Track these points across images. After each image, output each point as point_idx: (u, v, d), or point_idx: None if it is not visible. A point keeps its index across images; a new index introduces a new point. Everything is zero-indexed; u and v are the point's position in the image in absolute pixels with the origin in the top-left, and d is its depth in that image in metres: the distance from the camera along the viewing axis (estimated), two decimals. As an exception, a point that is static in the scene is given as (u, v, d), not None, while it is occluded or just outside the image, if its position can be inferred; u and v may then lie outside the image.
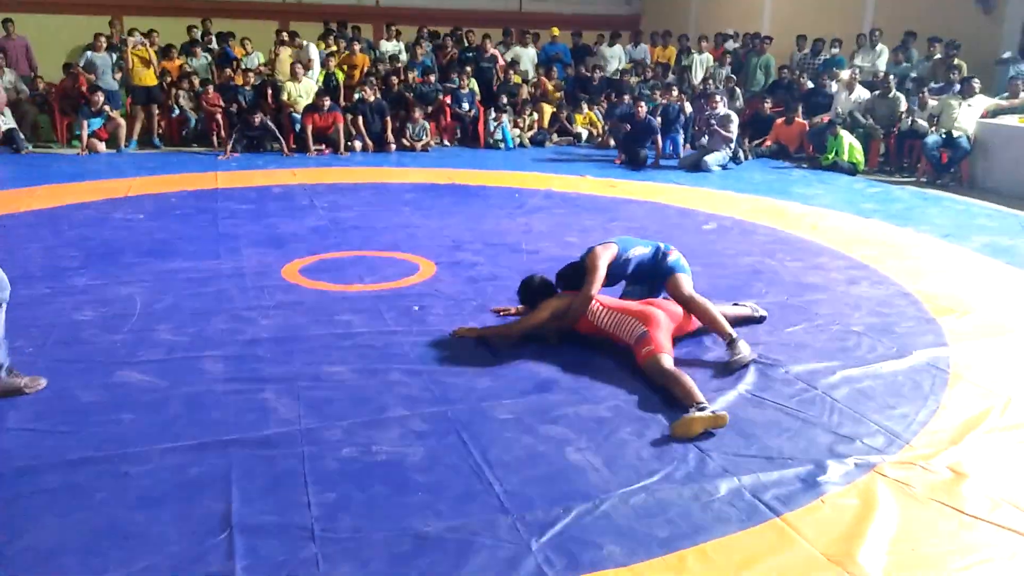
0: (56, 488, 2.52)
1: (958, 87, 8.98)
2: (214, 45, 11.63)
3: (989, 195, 7.96)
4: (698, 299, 3.71)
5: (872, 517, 2.44)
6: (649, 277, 3.96)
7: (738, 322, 3.92)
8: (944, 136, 8.63)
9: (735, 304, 4.13)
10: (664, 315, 3.59)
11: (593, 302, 3.67)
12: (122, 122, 9.72)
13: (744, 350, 3.53)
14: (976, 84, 8.65)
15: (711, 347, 3.79)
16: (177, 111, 10.32)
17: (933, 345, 3.83)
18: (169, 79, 10.43)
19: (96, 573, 2.14)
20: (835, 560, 2.24)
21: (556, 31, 13.20)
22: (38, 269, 4.83)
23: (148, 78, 10.16)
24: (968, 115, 8.55)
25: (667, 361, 3.33)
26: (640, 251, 3.93)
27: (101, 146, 9.51)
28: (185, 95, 10.33)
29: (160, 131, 10.29)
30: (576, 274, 3.80)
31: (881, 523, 2.41)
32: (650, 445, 2.87)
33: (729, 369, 3.49)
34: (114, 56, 10.30)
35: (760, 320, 4.08)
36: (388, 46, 11.97)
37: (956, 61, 9.82)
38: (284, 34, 11.23)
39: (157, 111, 10.25)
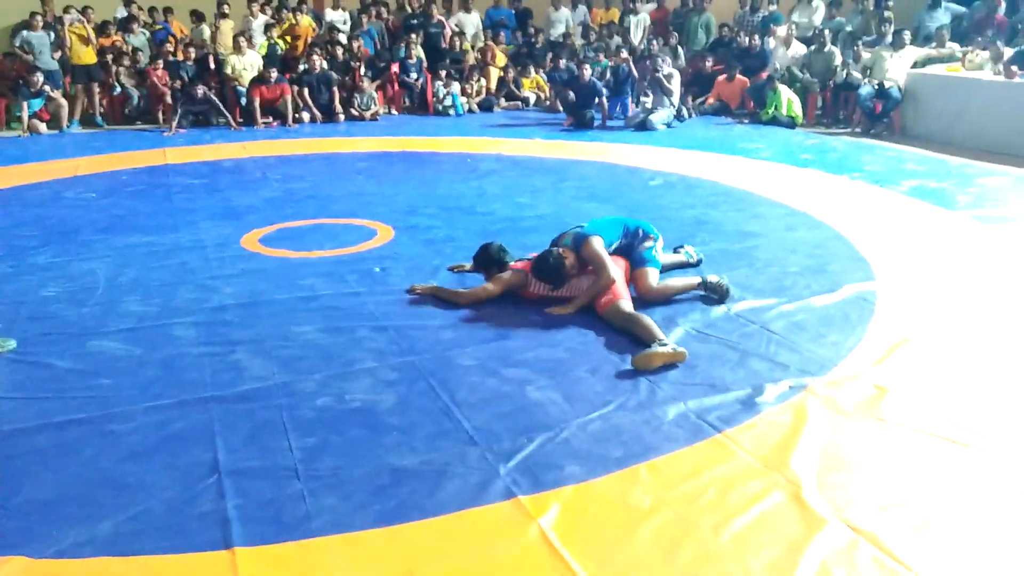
0: (47, 447, 2.65)
1: (890, 39, 9.33)
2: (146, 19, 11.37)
3: (920, 142, 8.36)
4: (656, 291, 3.83)
5: (803, 429, 2.71)
6: (624, 255, 3.99)
7: (676, 267, 4.19)
8: (877, 87, 8.99)
9: (674, 251, 4.36)
10: (617, 268, 3.80)
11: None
12: (63, 102, 9.56)
13: (716, 279, 3.88)
14: (907, 36, 9.01)
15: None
16: (119, 89, 10.15)
17: (861, 280, 4.14)
18: (110, 56, 10.23)
19: (96, 519, 2.29)
20: (771, 466, 2.50)
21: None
22: (-4, 249, 4.85)
23: (87, 56, 9.96)
24: (898, 66, 8.91)
25: (627, 305, 3.57)
26: (612, 236, 3.94)
27: (43, 127, 9.35)
28: (126, 72, 10.17)
29: (102, 110, 10.13)
30: (549, 268, 3.77)
31: (811, 433, 2.68)
32: (604, 380, 3.11)
33: (716, 292, 3.85)
34: (51, 34, 10.05)
35: (696, 264, 4.34)
36: (333, 15, 11.89)
37: (887, 14, 10.17)
38: (225, 6, 11.05)
39: (98, 89, 10.07)
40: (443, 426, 2.78)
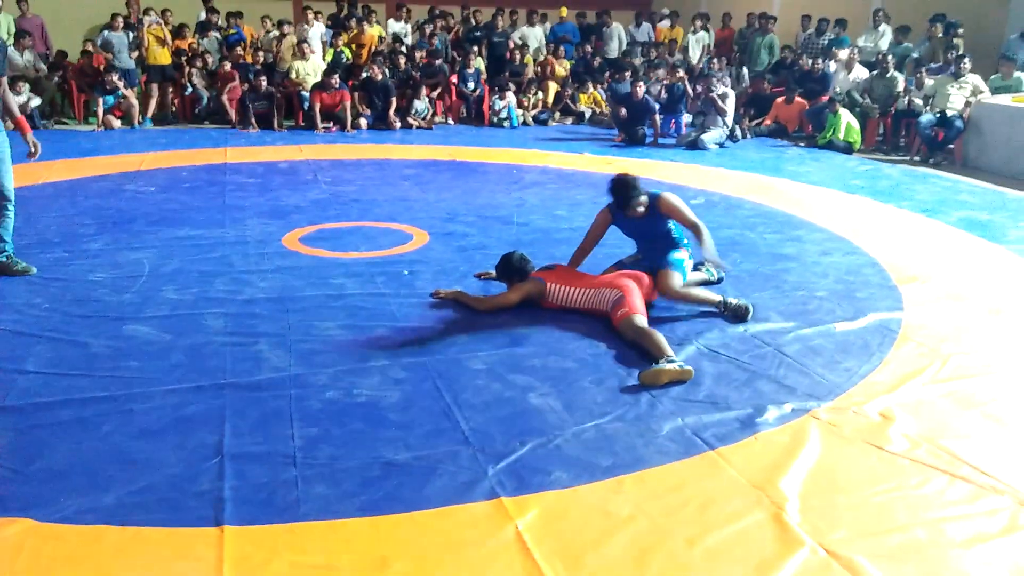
0: (68, 421, 2.82)
1: (953, 68, 9.08)
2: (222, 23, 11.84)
3: (980, 174, 8.10)
4: (677, 293, 3.91)
5: (799, 452, 2.69)
6: (653, 260, 4.07)
7: (698, 284, 4.19)
8: (938, 115, 8.76)
9: (695, 267, 4.35)
10: (635, 284, 3.84)
11: (565, 288, 3.91)
12: (135, 101, 10.04)
13: (736, 301, 3.87)
14: (967, 64, 8.76)
15: (675, 307, 4.03)
16: (190, 89, 10.61)
17: (889, 309, 4.06)
18: (185, 57, 10.71)
19: (102, 490, 2.43)
20: (757, 486, 2.50)
21: (564, 11, 13.34)
22: (56, 236, 5.15)
23: (163, 57, 10.46)
24: (959, 95, 8.67)
25: (641, 320, 3.60)
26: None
27: (116, 123, 9.84)
28: (198, 73, 10.62)
29: (174, 108, 10.60)
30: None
31: (805, 457, 2.67)
32: (607, 392, 3.14)
33: (736, 314, 3.84)
34: (130, 35, 10.58)
35: (718, 282, 4.33)
36: (396, 26, 12.19)
37: (956, 41, 9.91)
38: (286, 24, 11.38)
39: (171, 89, 10.55)
40: (441, 425, 2.86)
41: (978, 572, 2.15)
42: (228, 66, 10.48)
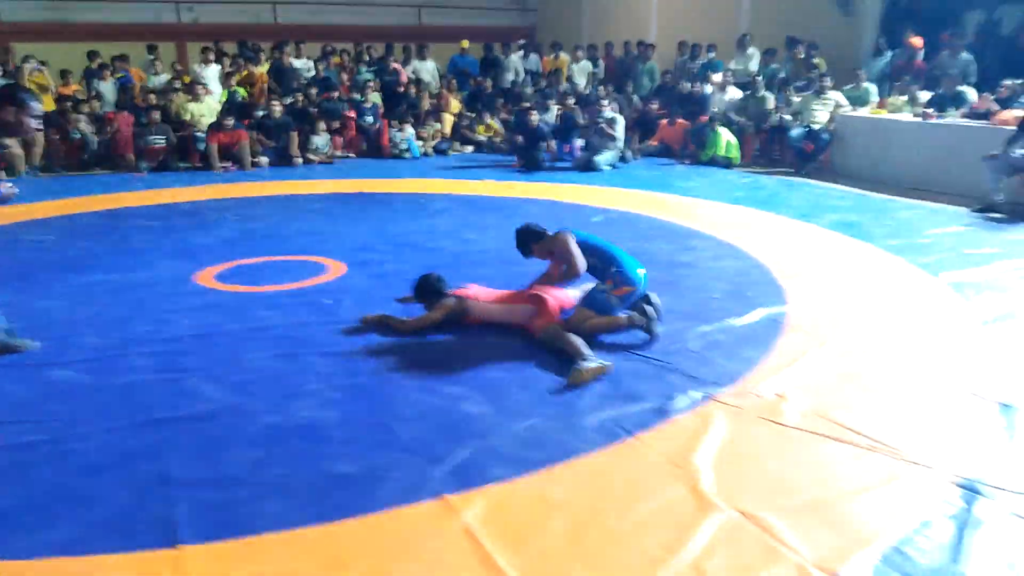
0: (6, 465, 2.82)
1: (817, 86, 9.94)
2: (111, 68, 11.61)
3: (846, 180, 8.90)
4: (582, 326, 3.92)
5: (708, 432, 3.01)
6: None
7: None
8: (806, 129, 9.56)
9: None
10: (549, 297, 4.11)
11: (483, 304, 4.13)
12: (19, 151, 9.68)
13: (637, 316, 3.96)
14: (828, 81, 9.63)
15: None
16: (78, 135, 10.32)
17: (775, 304, 4.49)
18: (70, 104, 10.42)
19: (51, 527, 2.47)
20: (675, 463, 2.79)
21: (466, 44, 13.71)
22: (-47, 290, 4.99)
23: (46, 104, 10.13)
24: (824, 110, 9.50)
25: (558, 328, 3.87)
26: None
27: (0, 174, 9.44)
28: (86, 119, 10.35)
29: (61, 156, 10.27)
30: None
31: (714, 436, 2.98)
32: (535, 395, 3.38)
33: (643, 327, 3.94)
34: (10, 83, 10.20)
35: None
36: (297, 63, 12.21)
37: (816, 60, 10.83)
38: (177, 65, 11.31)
39: (57, 136, 10.23)
40: (381, 437, 3.02)
41: (866, 517, 2.49)
42: (114, 110, 10.27)
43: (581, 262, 4.05)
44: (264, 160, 10.17)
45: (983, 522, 2.46)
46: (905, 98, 9.27)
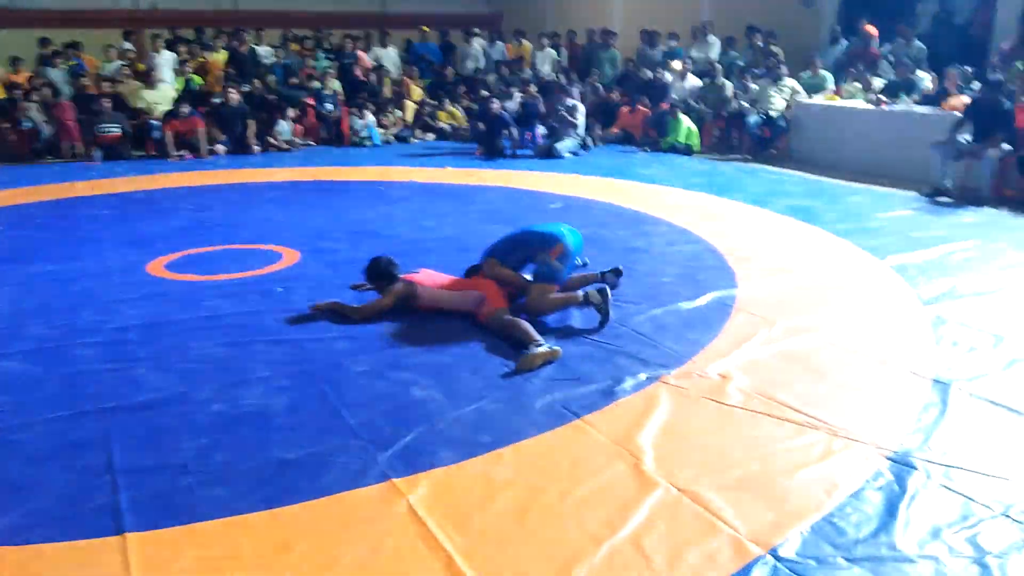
0: (-56, 457, 2.79)
1: (774, 73, 10.06)
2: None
3: (803, 166, 9.04)
4: (540, 306, 4.09)
5: (652, 413, 3.06)
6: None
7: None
8: (764, 116, 9.68)
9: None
10: (494, 285, 4.14)
11: (433, 290, 4.17)
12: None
13: (594, 293, 4.02)
14: (783, 69, 9.76)
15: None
16: (29, 123, 10.08)
17: (725, 288, 4.57)
18: (21, 91, 10.16)
19: (-7, 516, 2.45)
20: (619, 443, 2.84)
21: (427, 29, 13.61)
22: None
23: (-6, 92, 9.89)
24: (780, 97, 9.63)
25: (506, 314, 3.89)
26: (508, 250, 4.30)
27: (-54, 162, 9.21)
28: (37, 107, 10.11)
29: (10, 144, 10.03)
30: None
31: (658, 416, 3.04)
32: (483, 379, 3.41)
33: (597, 307, 4.01)
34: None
35: (583, 266, 4.74)
36: (261, 51, 12.02)
37: (774, 49, 10.96)
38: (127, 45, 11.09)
39: (7, 125, 9.98)
40: (329, 424, 3.03)
41: (801, 491, 2.56)
42: (69, 98, 10.05)
43: (518, 278, 4.22)
44: (221, 148, 10.03)
45: (914, 494, 2.54)
46: (859, 85, 9.43)
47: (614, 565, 2.21)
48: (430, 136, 11.69)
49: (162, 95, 10.25)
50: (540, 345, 3.58)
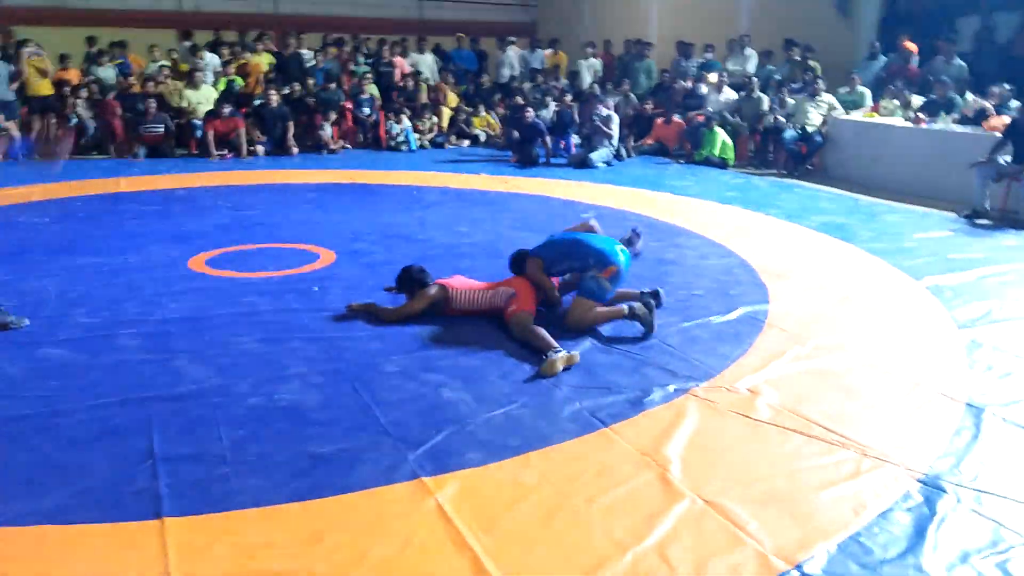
0: (-6, 438, 2.90)
1: (811, 87, 10.01)
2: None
3: (838, 182, 8.97)
4: (581, 322, 4.07)
5: (680, 425, 3.08)
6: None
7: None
8: (800, 131, 9.63)
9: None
10: (527, 286, 4.19)
11: (467, 291, 4.23)
12: (15, 134, 9.72)
13: (640, 307, 4.03)
14: (821, 84, 9.71)
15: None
16: (76, 120, 10.35)
17: (757, 302, 4.57)
18: (69, 88, 10.45)
19: (38, 496, 2.55)
20: (646, 453, 2.86)
21: (462, 36, 13.75)
22: (-52, 268, 5.05)
23: (44, 87, 10.18)
24: (817, 112, 9.59)
25: (529, 318, 3.96)
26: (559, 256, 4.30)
27: (-3, 155, 9.49)
28: (83, 104, 10.39)
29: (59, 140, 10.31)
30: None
31: (685, 428, 3.06)
32: (512, 383, 3.46)
33: (643, 320, 4.02)
34: (9, 67, 10.24)
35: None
36: (305, 53, 12.22)
37: (811, 63, 10.90)
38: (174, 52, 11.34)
39: (54, 120, 10.26)
40: (361, 421, 3.10)
41: (828, 509, 2.57)
42: (113, 96, 10.32)
43: (553, 291, 4.29)
44: (260, 149, 10.23)
45: (943, 517, 2.53)
46: (898, 102, 9.34)
47: (639, 573, 2.24)
48: (465, 142, 11.80)
49: (204, 95, 10.47)
50: (558, 351, 3.62)
